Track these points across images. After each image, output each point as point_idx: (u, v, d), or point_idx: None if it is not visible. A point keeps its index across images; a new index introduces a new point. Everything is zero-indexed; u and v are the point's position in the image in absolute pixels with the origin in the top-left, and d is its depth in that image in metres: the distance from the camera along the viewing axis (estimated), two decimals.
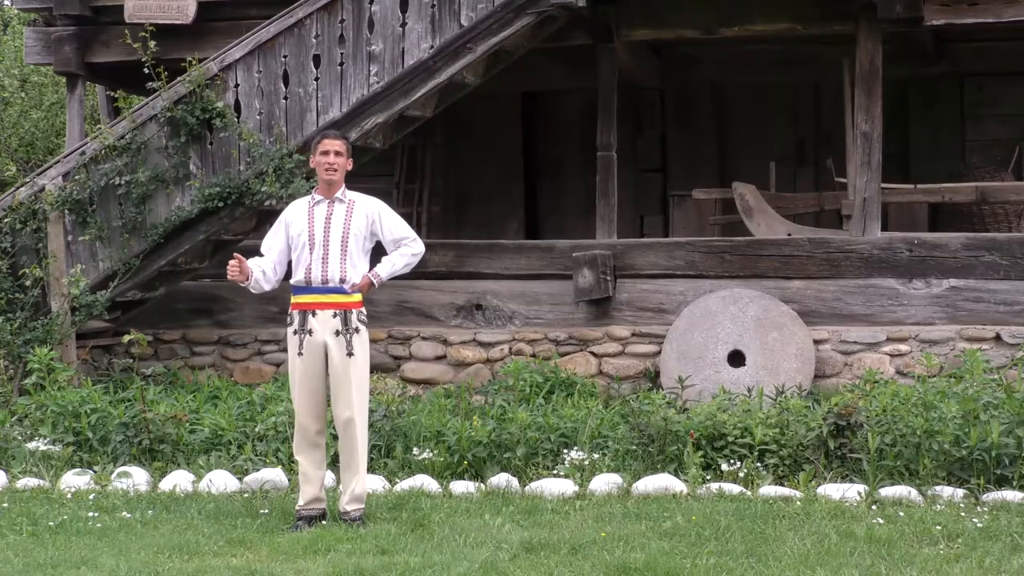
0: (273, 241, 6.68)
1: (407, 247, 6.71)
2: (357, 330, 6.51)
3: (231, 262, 6.54)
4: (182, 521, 6.58)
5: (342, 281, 6.49)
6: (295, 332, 6.50)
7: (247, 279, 6.57)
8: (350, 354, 6.47)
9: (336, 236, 6.50)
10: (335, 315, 6.48)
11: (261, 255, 6.70)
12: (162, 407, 8.31)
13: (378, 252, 6.78)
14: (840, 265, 9.79)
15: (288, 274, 6.72)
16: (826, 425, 7.34)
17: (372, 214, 6.63)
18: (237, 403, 8.70)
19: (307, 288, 6.51)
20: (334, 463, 7.00)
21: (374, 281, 6.61)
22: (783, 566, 5.47)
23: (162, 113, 9.56)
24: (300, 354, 6.48)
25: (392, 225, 6.69)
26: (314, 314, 6.47)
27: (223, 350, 10.73)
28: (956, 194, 10.53)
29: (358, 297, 6.55)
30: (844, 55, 10.39)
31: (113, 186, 9.63)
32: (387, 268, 6.67)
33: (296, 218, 6.60)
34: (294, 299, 6.56)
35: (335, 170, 6.54)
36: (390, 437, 7.87)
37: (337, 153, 6.56)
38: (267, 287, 6.68)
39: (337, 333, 6.47)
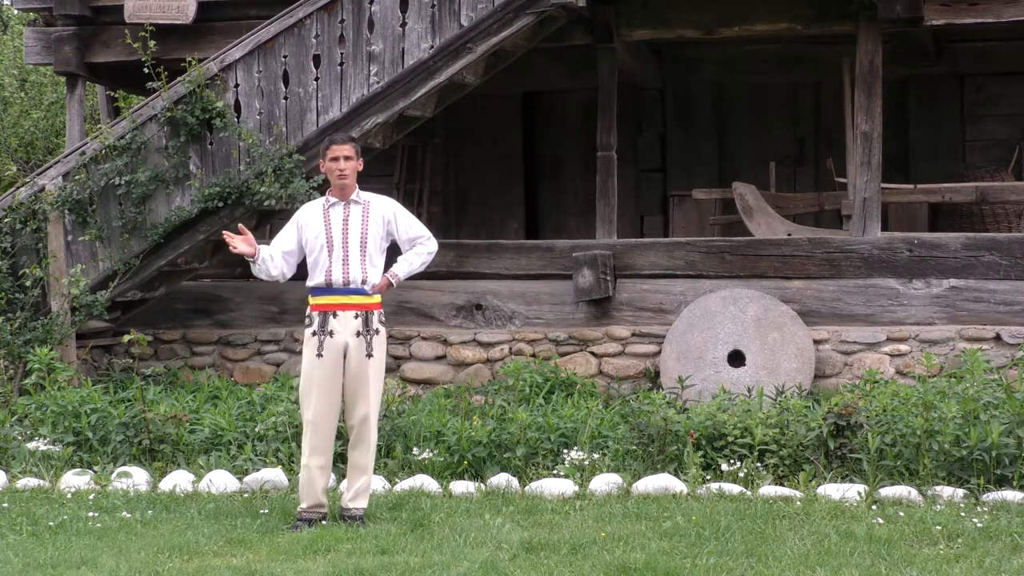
0: (283, 240, 6.66)
1: (422, 246, 6.73)
2: (377, 331, 6.51)
3: (235, 235, 6.50)
4: (182, 521, 6.58)
5: (363, 283, 6.49)
6: (314, 333, 6.48)
7: (254, 253, 6.53)
8: (369, 355, 6.46)
9: (355, 238, 6.50)
10: (356, 316, 6.47)
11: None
12: (162, 407, 8.31)
13: (391, 251, 6.78)
14: (840, 265, 9.79)
15: (297, 275, 6.72)
16: (826, 425, 7.34)
17: (388, 214, 6.65)
18: (237, 403, 8.70)
19: (327, 289, 6.49)
20: (334, 463, 6.99)
21: (393, 281, 6.62)
22: (783, 566, 5.47)
23: (162, 113, 9.56)
24: (320, 355, 6.45)
25: (407, 225, 6.71)
26: (335, 315, 6.46)
27: (223, 350, 10.72)
28: (956, 194, 10.54)
29: (378, 298, 6.55)
30: (844, 55, 10.40)
31: (113, 186, 9.64)
32: (404, 268, 6.68)
33: (311, 221, 6.59)
34: (313, 300, 6.53)
35: (347, 175, 6.54)
36: (390, 437, 7.87)
37: (347, 158, 6.55)
38: (274, 272, 6.65)
39: (358, 334, 6.46)
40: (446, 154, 12.88)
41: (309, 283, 6.57)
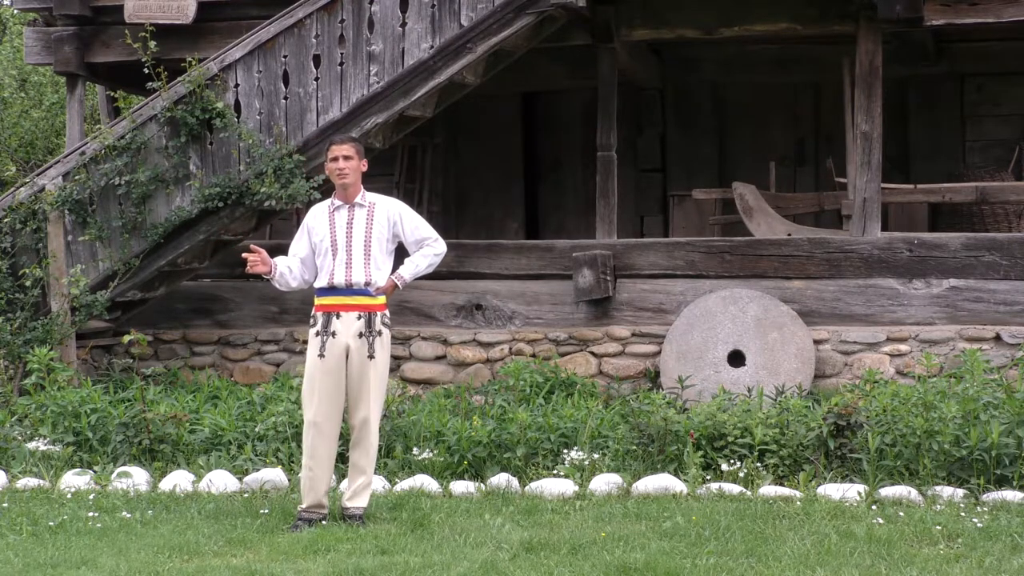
0: (298, 246, 6.69)
1: (429, 247, 6.70)
2: (380, 332, 6.50)
3: (251, 255, 6.52)
4: (182, 521, 6.58)
5: (367, 284, 6.48)
6: (317, 334, 6.49)
7: (271, 271, 6.57)
8: (371, 356, 6.46)
9: (359, 241, 6.50)
10: (359, 317, 6.47)
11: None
12: (162, 407, 8.31)
13: (401, 251, 6.78)
14: (840, 265, 9.79)
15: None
16: (826, 425, 7.34)
17: (393, 216, 6.63)
18: (237, 403, 8.70)
19: (331, 290, 6.51)
20: (336, 463, 6.99)
21: (398, 283, 6.61)
22: (783, 566, 5.47)
23: (162, 113, 9.57)
24: (321, 356, 6.46)
25: (413, 226, 6.68)
26: (338, 316, 6.47)
27: (223, 350, 10.73)
28: (956, 194, 10.53)
29: (382, 299, 6.54)
30: (844, 55, 10.40)
31: (113, 186, 9.64)
32: (410, 269, 6.66)
33: (317, 224, 6.61)
34: (318, 300, 6.55)
35: (347, 174, 6.53)
36: (390, 437, 7.87)
37: (347, 157, 6.54)
38: (294, 284, 6.69)
39: (360, 335, 6.46)
40: (446, 154, 12.88)
41: (316, 284, 6.60)
